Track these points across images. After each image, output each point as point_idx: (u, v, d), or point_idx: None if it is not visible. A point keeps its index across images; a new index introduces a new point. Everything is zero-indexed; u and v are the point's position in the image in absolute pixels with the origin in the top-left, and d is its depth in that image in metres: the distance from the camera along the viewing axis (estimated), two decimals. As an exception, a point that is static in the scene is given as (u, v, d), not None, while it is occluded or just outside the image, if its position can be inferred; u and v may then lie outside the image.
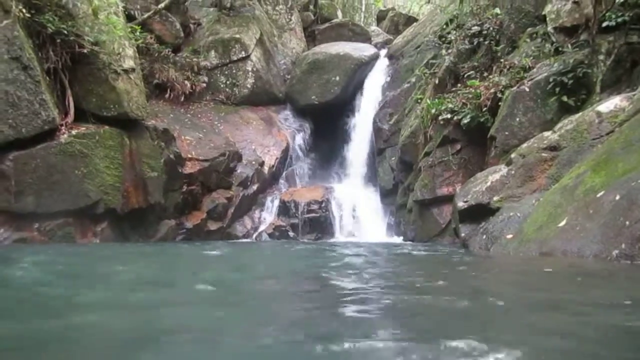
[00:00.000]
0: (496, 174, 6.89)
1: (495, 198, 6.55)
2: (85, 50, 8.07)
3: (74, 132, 7.93)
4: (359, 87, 14.39)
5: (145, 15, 11.96)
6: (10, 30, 6.92)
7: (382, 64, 14.74)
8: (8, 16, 6.89)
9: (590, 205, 4.53)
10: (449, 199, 8.47)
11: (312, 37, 17.30)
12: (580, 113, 6.51)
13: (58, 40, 7.72)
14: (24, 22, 7.25)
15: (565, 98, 7.22)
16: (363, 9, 26.46)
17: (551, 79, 7.38)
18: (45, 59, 7.67)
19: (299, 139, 13.78)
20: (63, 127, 7.81)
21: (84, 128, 8.13)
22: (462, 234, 6.87)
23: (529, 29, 8.72)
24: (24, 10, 7.17)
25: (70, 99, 8.13)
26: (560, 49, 7.76)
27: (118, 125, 8.66)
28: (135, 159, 8.89)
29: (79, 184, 7.77)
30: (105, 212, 8.17)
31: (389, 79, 14.03)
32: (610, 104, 6.16)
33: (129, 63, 8.99)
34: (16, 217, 7.08)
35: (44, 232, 7.36)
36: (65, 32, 7.72)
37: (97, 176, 8.04)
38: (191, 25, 14.04)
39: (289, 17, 16.49)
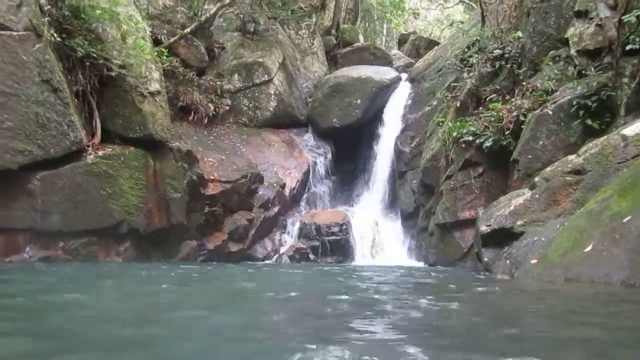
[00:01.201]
0: (519, 197, 6.80)
1: (518, 222, 6.45)
2: (113, 73, 8.30)
3: (100, 152, 8.10)
4: (380, 110, 14.44)
5: (172, 40, 12.26)
6: (42, 53, 7.16)
7: (404, 87, 14.80)
8: (40, 40, 7.13)
9: (617, 230, 4.43)
10: (471, 222, 8.36)
11: (334, 61, 17.50)
12: (605, 136, 6.41)
13: (87, 64, 7.96)
14: (55, 45, 7.50)
15: (589, 121, 7.13)
16: (384, 33, 26.73)
17: (575, 102, 7.30)
18: (75, 81, 7.90)
19: (320, 162, 13.84)
20: (90, 148, 7.99)
21: (109, 149, 8.30)
22: (485, 259, 6.76)
23: (552, 52, 8.68)
24: (55, 35, 7.42)
25: (98, 120, 8.33)
26: (583, 72, 7.69)
27: (143, 146, 8.82)
28: (159, 179, 9.02)
29: (103, 204, 7.90)
30: (128, 231, 8.28)
31: (410, 102, 14.06)
32: (636, 127, 6.06)
33: (154, 86, 9.20)
34: (42, 235, 7.22)
35: (68, 250, 7.47)
36: (94, 55, 7.96)
37: (121, 196, 8.16)
38: (216, 49, 14.33)
39: (312, 41, 16.73)
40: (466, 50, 11.64)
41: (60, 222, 7.33)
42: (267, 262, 10.88)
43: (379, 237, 11.65)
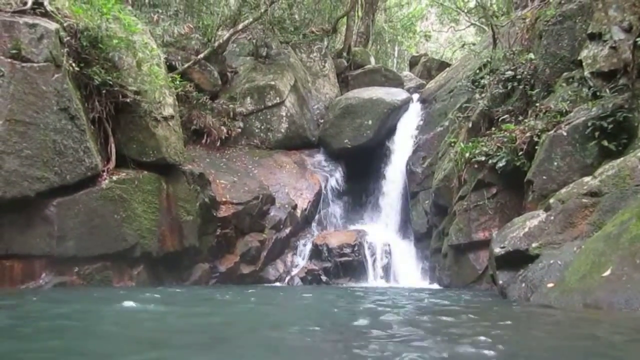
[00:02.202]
0: (534, 219, 6.73)
1: (534, 244, 6.38)
2: (128, 100, 8.42)
3: (114, 177, 8.19)
4: (391, 131, 14.48)
5: (186, 65, 12.45)
6: (60, 83, 7.30)
7: (415, 108, 14.84)
8: (59, 70, 7.28)
9: (637, 254, 4.37)
10: (486, 244, 8.29)
11: (345, 83, 17.63)
12: (622, 158, 6.36)
13: (104, 91, 8.09)
14: (73, 75, 7.65)
15: (605, 142, 7.08)
16: (396, 55, 26.92)
17: (590, 123, 7.27)
18: (91, 108, 8.03)
19: (332, 183, 13.85)
20: (105, 173, 8.08)
21: (124, 173, 8.39)
22: (500, 282, 6.68)
23: (565, 73, 8.69)
24: (73, 64, 7.58)
25: (113, 145, 8.44)
26: (598, 93, 7.68)
27: (156, 170, 8.91)
28: (172, 203, 9.08)
29: (117, 228, 7.96)
30: (141, 255, 8.31)
31: (421, 122, 14.08)
32: (653, 149, 6.01)
33: (168, 111, 9.33)
34: (57, 261, 7.25)
35: (83, 276, 7.51)
36: (111, 83, 8.09)
37: (134, 220, 8.22)
38: (228, 74, 14.53)
39: (323, 63, 16.89)
40: (478, 71, 11.67)
41: (75, 247, 7.39)
42: (278, 284, 10.85)
43: (391, 258, 11.57)
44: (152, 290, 7.32)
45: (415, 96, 15.45)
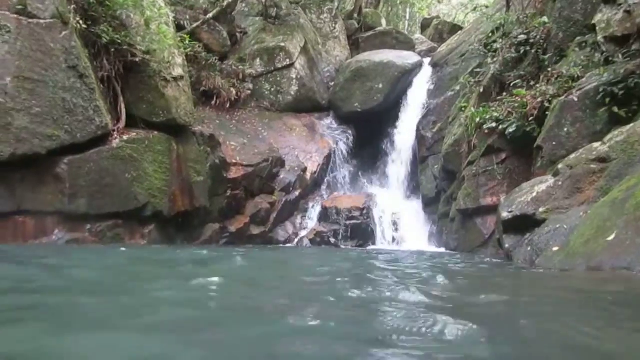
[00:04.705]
0: (542, 184, 6.73)
1: (541, 209, 6.39)
2: (137, 59, 8.40)
3: (125, 137, 8.24)
4: (402, 95, 14.34)
5: (194, 25, 12.32)
6: (68, 40, 7.29)
7: (426, 72, 14.64)
8: (66, 27, 7.25)
9: (641, 219, 4.37)
10: (493, 209, 8.32)
11: (356, 45, 17.38)
12: (632, 124, 6.28)
13: (112, 50, 8.06)
14: (80, 32, 7.62)
15: (615, 109, 6.97)
16: (407, 17, 26.37)
17: (601, 89, 7.15)
18: (100, 67, 8.03)
19: (342, 146, 13.84)
20: (115, 133, 8.14)
21: (134, 133, 8.44)
22: (507, 245, 6.73)
23: (578, 38, 8.48)
24: (81, 22, 7.53)
25: (122, 105, 8.46)
26: (610, 58, 7.51)
27: (166, 130, 8.95)
28: (182, 163, 9.15)
29: (128, 187, 8.06)
30: (152, 215, 8.44)
31: (432, 87, 13.92)
32: (665, 115, 5.93)
33: (178, 71, 9.29)
34: (70, 218, 7.41)
35: (95, 233, 7.67)
36: (119, 42, 8.06)
37: (145, 180, 8.32)
38: (238, 34, 14.36)
39: (334, 25, 16.62)
40: (490, 35, 11.43)
41: (87, 205, 7.52)
42: (288, 245, 11.01)
43: (399, 221, 11.66)
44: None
45: (427, 60, 15.22)
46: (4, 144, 6.61)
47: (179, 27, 11.42)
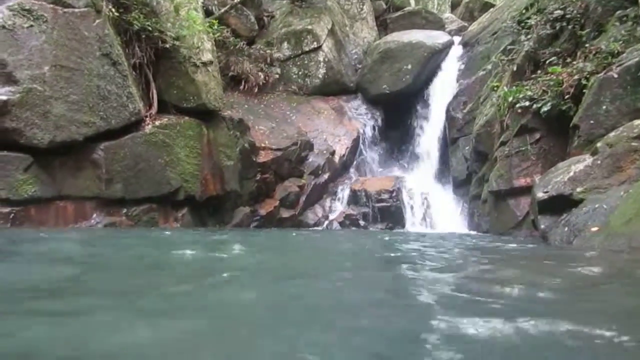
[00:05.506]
0: (580, 164, 6.57)
1: (578, 189, 6.25)
2: (167, 45, 8.48)
3: (157, 122, 8.37)
4: (431, 75, 14.12)
5: (222, 10, 12.34)
6: (101, 28, 7.40)
7: (456, 51, 14.37)
8: (99, 16, 7.36)
9: (687, 198, 4.24)
10: (527, 190, 8.18)
11: (384, 26, 17.11)
12: (675, 100, 6.07)
13: (143, 37, 8.16)
14: (113, 20, 7.73)
15: (658, 85, 6.74)
16: (436, -4, 25.80)
17: (643, 65, 6.90)
18: (132, 54, 8.14)
19: (370, 129, 13.76)
20: (147, 118, 8.27)
21: (166, 119, 8.56)
22: (542, 226, 6.62)
23: (619, 11, 8.18)
24: (113, 10, 7.64)
25: (154, 91, 8.57)
26: (653, 32, 7.24)
27: (197, 116, 9.04)
28: (213, 148, 9.25)
29: (161, 172, 8.20)
30: (185, 198, 8.58)
31: (463, 66, 13.67)
32: None
33: (207, 56, 9.35)
34: (107, 203, 7.60)
35: (130, 217, 7.84)
36: (150, 28, 8.14)
37: (178, 164, 8.44)
38: (265, 18, 14.32)
39: (361, 6, 16.40)
40: (524, 11, 11.12)
41: (123, 190, 7.69)
42: (317, 228, 11.06)
43: (430, 204, 11.57)
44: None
45: (457, 39, 14.92)
46: (44, 131, 6.79)
47: (207, 13, 11.46)
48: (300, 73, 13.92)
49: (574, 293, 2.74)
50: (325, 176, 11.85)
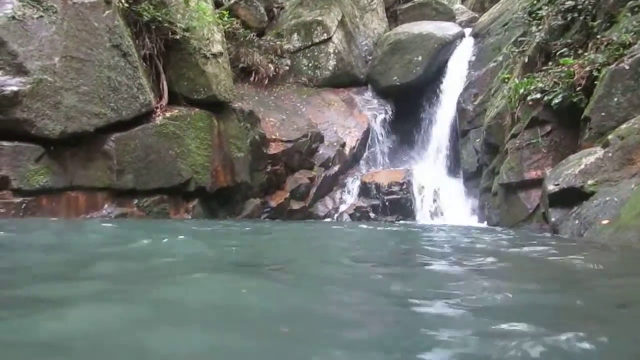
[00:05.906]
0: (591, 156, 6.52)
1: (589, 182, 6.20)
2: (177, 37, 8.51)
3: (167, 114, 8.41)
4: (442, 67, 14.02)
5: (232, 1, 12.32)
6: (111, 19, 7.43)
7: (467, 43, 14.25)
8: (109, 7, 7.40)
9: (699, 190, 4.19)
10: (537, 182, 8.12)
11: (394, 18, 17.00)
12: (689, 92, 5.98)
13: (153, 28, 8.19)
14: (122, 11, 7.76)
15: (671, 76, 6.65)
16: (447, -13, 25.54)
17: (656, 56, 6.80)
18: (142, 45, 8.18)
19: (380, 121, 13.71)
20: (158, 110, 8.31)
21: (176, 110, 8.60)
22: (553, 219, 6.59)
23: (630, 2, 8.04)
24: (122, 1, 7.66)
25: (164, 83, 8.62)
26: (666, 22, 7.12)
27: (207, 107, 9.07)
28: (223, 140, 9.29)
29: (172, 163, 8.26)
30: (196, 190, 8.64)
31: (473, 58, 13.55)
32: None
33: (217, 48, 9.36)
34: (118, 193, 7.67)
35: (142, 208, 7.91)
36: (160, 19, 8.17)
37: (188, 156, 8.49)
38: (275, 10, 14.29)
39: (371, -3, 16.30)
40: (535, 2, 10.96)
41: (134, 180, 7.76)
42: (327, 220, 11.08)
43: (440, 196, 11.54)
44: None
45: (468, 30, 14.78)
46: (55, 122, 6.85)
47: (217, 4, 11.45)
48: (310, 65, 13.89)
49: (583, 286, 2.72)
50: (336, 168, 11.86)
